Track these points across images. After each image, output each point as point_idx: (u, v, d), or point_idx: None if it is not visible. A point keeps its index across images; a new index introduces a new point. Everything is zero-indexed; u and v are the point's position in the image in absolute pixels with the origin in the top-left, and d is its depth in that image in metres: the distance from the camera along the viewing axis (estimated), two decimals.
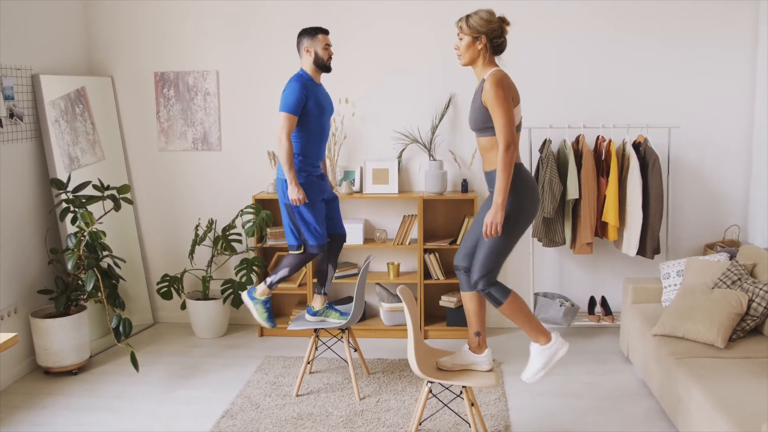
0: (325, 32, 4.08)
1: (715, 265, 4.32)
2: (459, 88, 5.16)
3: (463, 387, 3.40)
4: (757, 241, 4.92)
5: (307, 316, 4.27)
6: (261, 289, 4.19)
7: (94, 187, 4.56)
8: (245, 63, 5.30)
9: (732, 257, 4.54)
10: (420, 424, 3.47)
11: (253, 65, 5.30)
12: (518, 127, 3.35)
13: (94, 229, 4.16)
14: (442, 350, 3.66)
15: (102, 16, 5.34)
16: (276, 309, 5.49)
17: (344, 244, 4.43)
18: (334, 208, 4.29)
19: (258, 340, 5.23)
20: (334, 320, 4.22)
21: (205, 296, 5.27)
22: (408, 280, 5.17)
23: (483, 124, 3.33)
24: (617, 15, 5.01)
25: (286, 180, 3.97)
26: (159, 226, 5.53)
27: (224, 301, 5.21)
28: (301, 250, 4.11)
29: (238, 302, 5.19)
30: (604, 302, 5.14)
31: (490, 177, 3.41)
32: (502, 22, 3.36)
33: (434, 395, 3.76)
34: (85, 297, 4.56)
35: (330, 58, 4.10)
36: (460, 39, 3.37)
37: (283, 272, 4.13)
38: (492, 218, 3.23)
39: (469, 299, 3.52)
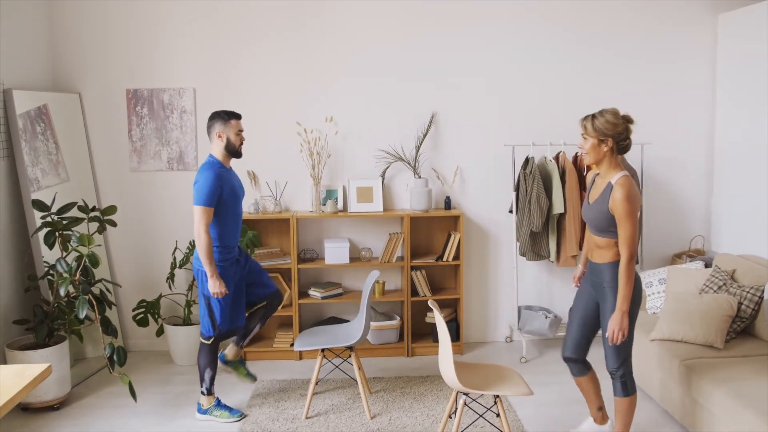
0: (238, 117, 4.01)
1: (696, 272, 4.58)
2: (440, 106, 5.26)
3: (497, 397, 3.44)
4: (720, 250, 5.26)
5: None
6: (204, 400, 4.13)
7: (79, 208, 4.30)
8: (223, 80, 5.18)
9: (707, 265, 4.83)
10: None
11: (231, 83, 5.18)
12: None
13: (92, 252, 3.91)
14: (465, 363, 3.67)
15: (69, 28, 5.08)
16: (259, 332, 5.32)
17: (281, 302, 4.40)
18: (256, 272, 4.24)
19: None
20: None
21: (186, 322, 5.05)
22: (394, 298, 5.16)
23: (605, 228, 3.31)
24: (592, 40, 5.27)
25: (204, 271, 3.92)
26: (130, 249, 5.27)
27: None
28: (210, 341, 4.04)
29: None
30: None
31: (596, 267, 3.43)
32: (627, 122, 3.27)
33: (469, 407, 3.74)
34: (67, 326, 4.27)
35: (241, 144, 4.03)
36: (585, 139, 3.30)
37: (208, 373, 4.09)
38: (619, 325, 3.26)
39: (587, 382, 3.63)
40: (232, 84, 5.18)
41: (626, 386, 3.42)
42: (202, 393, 4.13)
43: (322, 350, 4.21)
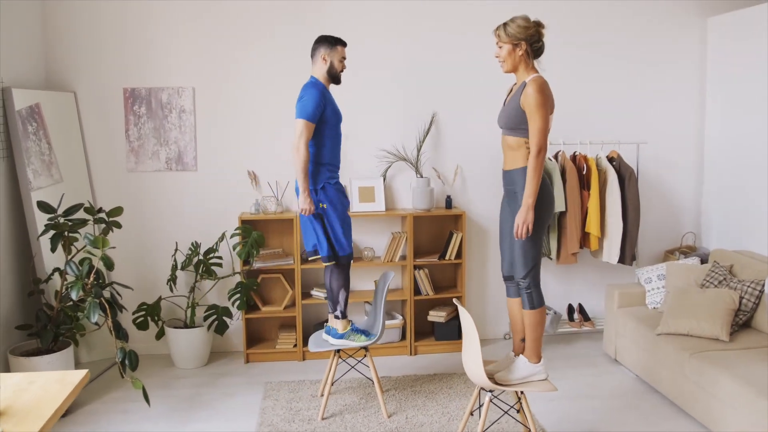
0: (344, 44, 4.09)
1: (694, 268, 4.72)
2: (440, 107, 5.29)
3: (521, 393, 3.49)
4: (711, 246, 5.43)
5: (331, 339, 4.16)
6: (342, 324, 4.09)
7: (85, 210, 4.20)
8: (223, 80, 5.12)
9: (703, 261, 4.98)
10: None
11: (231, 82, 5.13)
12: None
13: (105, 254, 3.82)
14: (486, 360, 3.71)
15: (63, 26, 4.95)
16: (259, 333, 5.30)
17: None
18: None
19: (244, 366, 5.00)
20: (360, 342, 4.13)
21: (189, 324, 4.98)
22: (396, 297, 5.18)
23: (516, 125, 3.44)
24: (587, 41, 5.38)
25: (311, 189, 3.90)
26: (128, 251, 5.16)
27: (209, 328, 4.96)
28: (333, 262, 4.03)
29: (222, 329, 4.96)
30: (581, 309, 5.43)
31: (508, 175, 3.54)
32: (538, 26, 3.45)
33: (494, 404, 3.78)
34: (74, 330, 4.17)
35: (343, 70, 4.09)
36: (500, 47, 3.48)
37: (342, 295, 4.07)
38: (523, 218, 3.37)
39: (518, 305, 3.62)
40: (232, 83, 5.13)
41: (532, 298, 3.48)
42: (337, 317, 4.07)
43: (337, 351, 4.20)
